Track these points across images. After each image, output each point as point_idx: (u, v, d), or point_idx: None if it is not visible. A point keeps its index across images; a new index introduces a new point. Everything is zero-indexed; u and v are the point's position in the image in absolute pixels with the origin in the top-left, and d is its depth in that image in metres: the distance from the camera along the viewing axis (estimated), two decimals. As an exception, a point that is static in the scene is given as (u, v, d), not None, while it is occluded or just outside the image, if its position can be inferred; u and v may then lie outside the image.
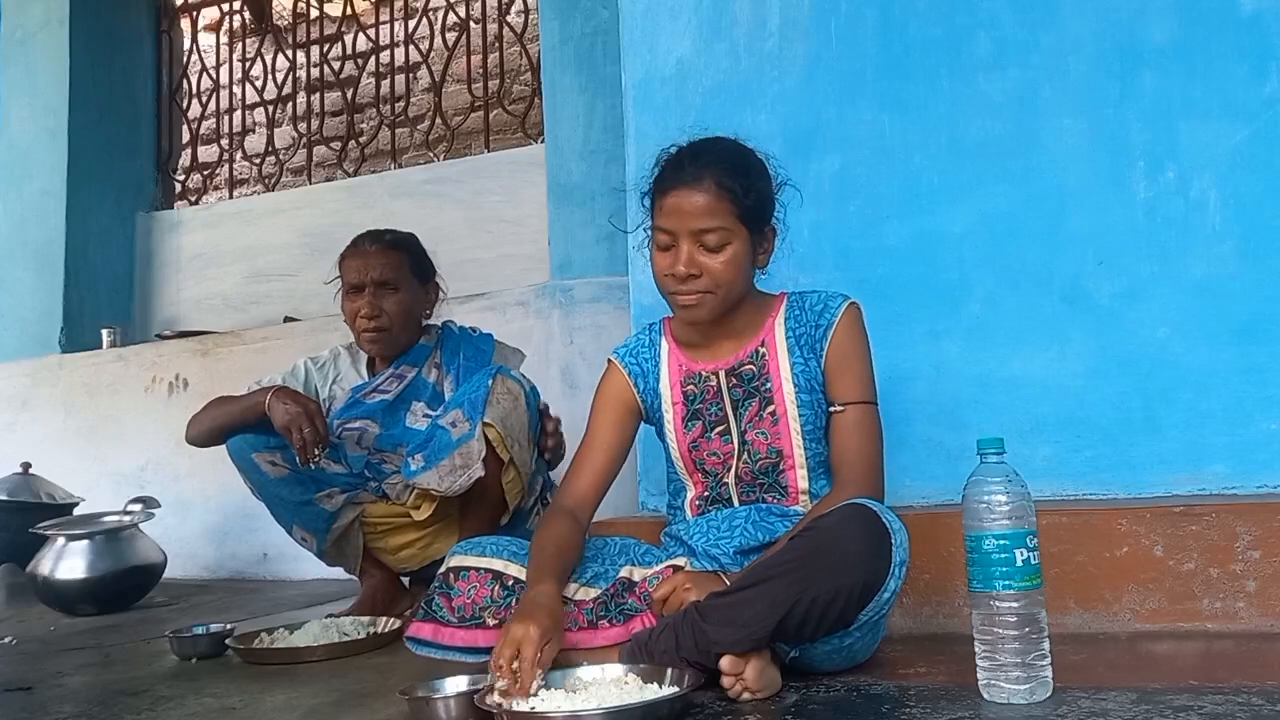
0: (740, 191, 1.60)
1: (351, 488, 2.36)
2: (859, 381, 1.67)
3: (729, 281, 1.62)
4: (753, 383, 1.70)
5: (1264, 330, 1.87)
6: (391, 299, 2.36)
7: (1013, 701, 1.30)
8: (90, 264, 4.37)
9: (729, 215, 1.60)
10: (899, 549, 1.43)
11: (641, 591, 1.64)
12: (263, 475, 2.27)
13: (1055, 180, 2.02)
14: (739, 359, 1.71)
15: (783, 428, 1.67)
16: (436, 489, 2.11)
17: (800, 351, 1.68)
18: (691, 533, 1.72)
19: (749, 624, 1.39)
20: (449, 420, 2.16)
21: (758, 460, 1.68)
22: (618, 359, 1.80)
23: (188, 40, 4.95)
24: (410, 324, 2.42)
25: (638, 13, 2.36)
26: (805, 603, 1.38)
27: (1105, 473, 1.94)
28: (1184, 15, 1.96)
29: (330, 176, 4.80)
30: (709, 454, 1.72)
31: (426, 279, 2.46)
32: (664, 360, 1.77)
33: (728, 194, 1.59)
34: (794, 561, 1.41)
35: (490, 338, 2.51)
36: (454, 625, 1.63)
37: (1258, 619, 1.68)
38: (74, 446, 3.94)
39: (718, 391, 1.71)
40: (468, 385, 2.24)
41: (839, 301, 1.69)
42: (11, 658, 2.36)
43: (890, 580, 1.42)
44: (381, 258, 2.37)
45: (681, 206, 1.59)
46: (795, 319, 1.70)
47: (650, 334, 1.81)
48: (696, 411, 1.73)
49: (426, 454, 2.15)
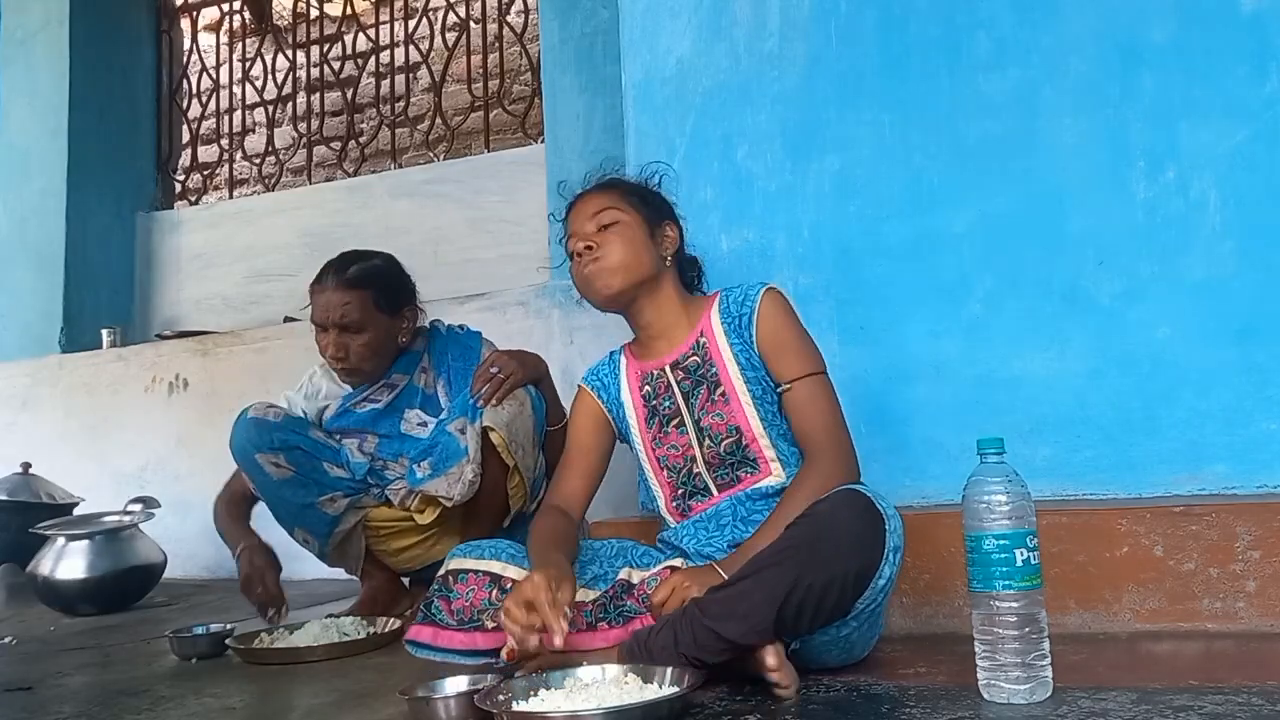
0: (626, 185, 1.84)
1: (354, 492, 2.35)
2: (797, 357, 1.72)
3: (620, 249, 1.74)
4: (699, 371, 1.76)
5: (1264, 330, 1.87)
6: (356, 340, 2.30)
7: (1013, 701, 1.30)
8: (90, 264, 4.37)
9: (616, 198, 1.79)
10: (892, 534, 1.45)
11: (640, 594, 1.65)
12: (266, 476, 2.26)
13: (1055, 180, 2.02)
14: (682, 352, 1.79)
15: (735, 405, 1.72)
16: (444, 496, 2.12)
17: (736, 336, 1.75)
18: (681, 536, 1.75)
19: (748, 615, 1.40)
20: (456, 427, 2.16)
21: (720, 441, 1.72)
22: (584, 382, 1.91)
23: (188, 40, 4.95)
24: (382, 356, 2.36)
25: (638, 13, 2.36)
26: (801, 590, 1.40)
27: (1105, 473, 1.94)
28: (1184, 15, 1.96)
29: (330, 176, 4.80)
30: (669, 449, 1.77)
31: (398, 308, 2.36)
32: (623, 373, 1.86)
33: (614, 186, 1.83)
34: (788, 550, 1.43)
35: (478, 335, 2.48)
36: (453, 628, 1.64)
37: (1258, 619, 1.68)
38: (74, 446, 3.94)
39: (668, 386, 1.78)
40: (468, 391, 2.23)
41: (756, 289, 1.77)
42: (11, 658, 2.36)
43: (885, 566, 1.44)
44: (342, 298, 2.28)
45: (577, 211, 1.81)
46: (725, 311, 1.78)
47: (610, 356, 1.92)
48: (654, 409, 1.80)
49: (433, 461, 2.15)
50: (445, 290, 3.33)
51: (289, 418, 2.35)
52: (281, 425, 2.31)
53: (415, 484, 2.18)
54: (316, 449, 2.34)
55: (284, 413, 2.36)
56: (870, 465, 1.96)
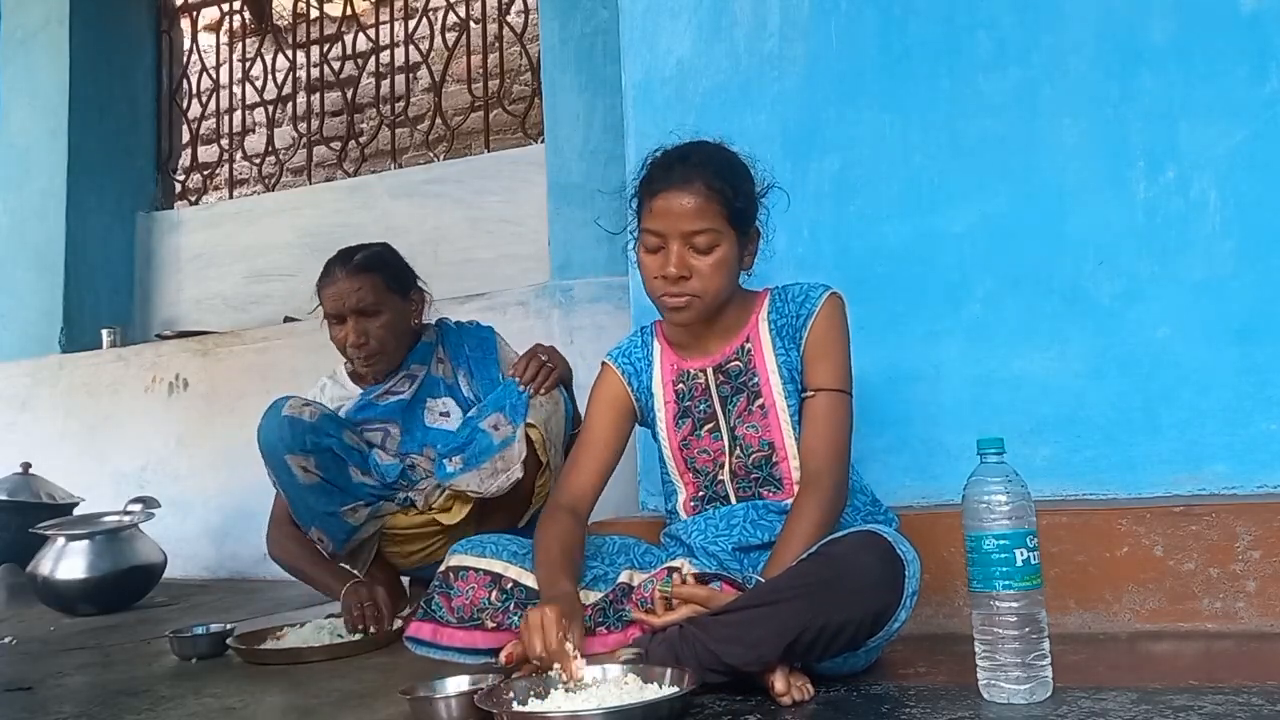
0: (729, 193, 1.61)
1: (375, 500, 2.29)
2: (834, 368, 1.66)
3: (717, 283, 1.63)
4: (740, 378, 1.70)
5: (1264, 330, 1.87)
6: (375, 323, 2.32)
7: (1013, 701, 1.30)
8: (90, 264, 4.37)
9: (718, 217, 1.61)
10: (911, 579, 1.43)
11: (639, 598, 1.62)
12: (292, 477, 2.19)
13: (1055, 180, 2.02)
14: (725, 356, 1.72)
15: (772, 419, 1.67)
16: (475, 491, 2.10)
17: (782, 342, 1.69)
18: (690, 530, 1.72)
19: (757, 645, 1.39)
20: (490, 423, 2.13)
21: (751, 454, 1.68)
22: (611, 360, 1.81)
23: (188, 40, 4.95)
24: (401, 338, 2.38)
25: (638, 13, 2.36)
26: (814, 629, 1.38)
27: (1105, 473, 1.94)
28: (1184, 15, 1.96)
29: (330, 176, 4.80)
30: (699, 452, 1.72)
31: (407, 290, 2.40)
32: (656, 360, 1.78)
33: (717, 196, 1.60)
34: (805, 588, 1.40)
35: (490, 329, 2.49)
36: (453, 626, 1.62)
37: (1258, 619, 1.68)
38: (74, 446, 3.94)
39: (706, 389, 1.72)
40: (504, 388, 2.21)
41: (820, 291, 1.70)
42: (11, 658, 2.36)
43: (901, 611, 1.43)
44: (355, 284, 2.30)
45: (671, 209, 1.60)
46: (778, 311, 1.71)
47: (643, 335, 1.83)
48: (686, 409, 1.74)
49: (466, 456, 2.12)
50: (445, 290, 3.31)
51: (324, 417, 2.26)
52: (315, 426, 2.21)
53: (444, 478, 2.14)
54: (346, 453, 2.26)
55: (320, 410, 2.26)
56: (870, 465, 1.97)
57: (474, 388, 2.38)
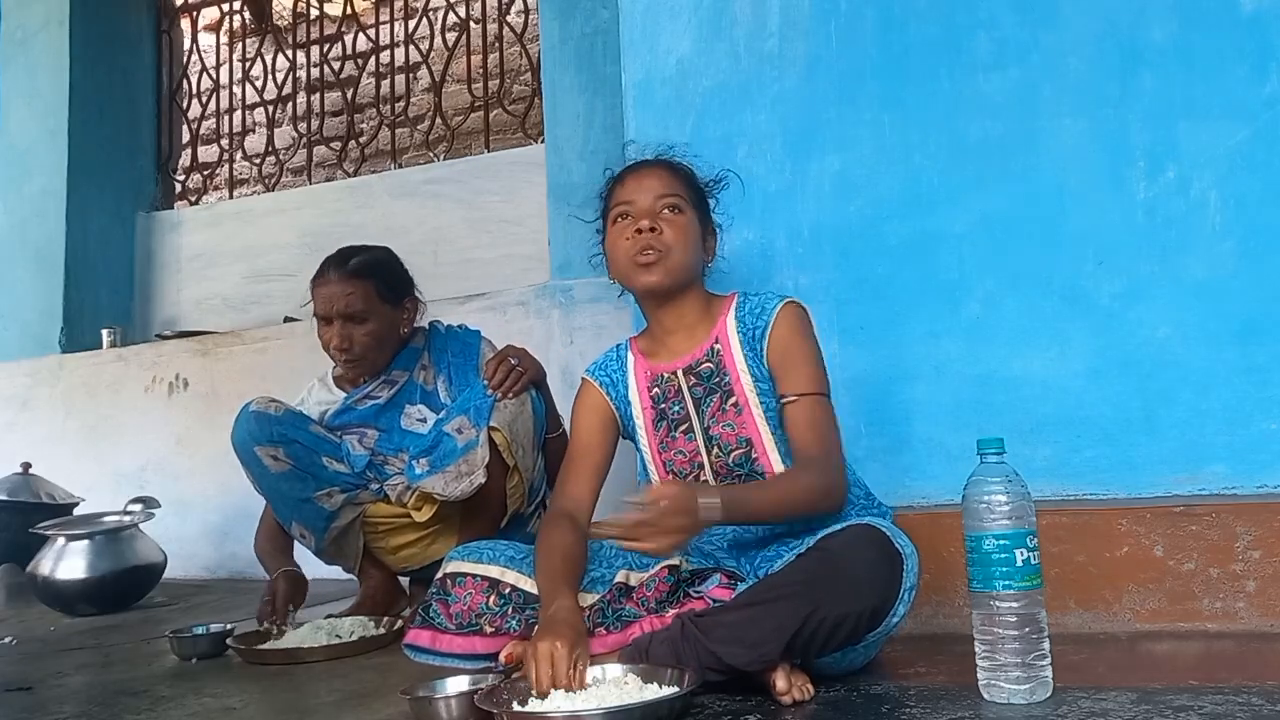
0: (690, 175, 1.79)
1: (351, 488, 2.36)
2: (805, 374, 1.68)
3: (684, 244, 1.70)
4: (712, 379, 1.73)
5: (1264, 330, 1.87)
6: (360, 329, 2.33)
7: (1013, 701, 1.30)
8: (90, 264, 4.37)
9: (684, 189, 1.75)
10: (909, 574, 1.46)
11: (639, 597, 1.63)
12: (264, 468, 2.27)
13: (1055, 180, 2.02)
14: (696, 358, 1.75)
15: (747, 417, 1.69)
16: (440, 494, 2.12)
17: (748, 347, 1.72)
18: None
19: (758, 644, 1.40)
20: (454, 427, 2.16)
21: (730, 452, 1.70)
22: (590, 375, 1.86)
23: (188, 40, 4.94)
24: (386, 346, 2.39)
25: (638, 13, 2.36)
26: (814, 624, 1.39)
27: (1105, 473, 1.94)
28: (1184, 15, 1.96)
29: (330, 176, 4.80)
30: (676, 453, 1.74)
31: (400, 299, 2.40)
32: (630, 370, 1.82)
33: (680, 174, 1.77)
34: (803, 584, 1.42)
35: (477, 333, 2.49)
36: (452, 632, 1.62)
37: (1258, 619, 1.68)
38: (74, 446, 3.94)
39: (679, 391, 1.75)
40: (471, 391, 2.23)
41: (774, 302, 1.73)
42: (11, 658, 2.36)
43: (899, 605, 1.45)
44: (346, 288, 2.31)
45: (642, 182, 1.73)
46: (741, 319, 1.74)
47: (618, 350, 1.87)
48: (662, 412, 1.76)
49: (432, 459, 2.15)
50: (445, 290, 3.33)
51: (289, 412, 2.36)
52: (281, 419, 2.32)
53: (413, 480, 2.18)
54: (316, 443, 2.35)
55: (285, 407, 2.36)
56: (870, 465, 1.97)
57: (451, 392, 2.39)
